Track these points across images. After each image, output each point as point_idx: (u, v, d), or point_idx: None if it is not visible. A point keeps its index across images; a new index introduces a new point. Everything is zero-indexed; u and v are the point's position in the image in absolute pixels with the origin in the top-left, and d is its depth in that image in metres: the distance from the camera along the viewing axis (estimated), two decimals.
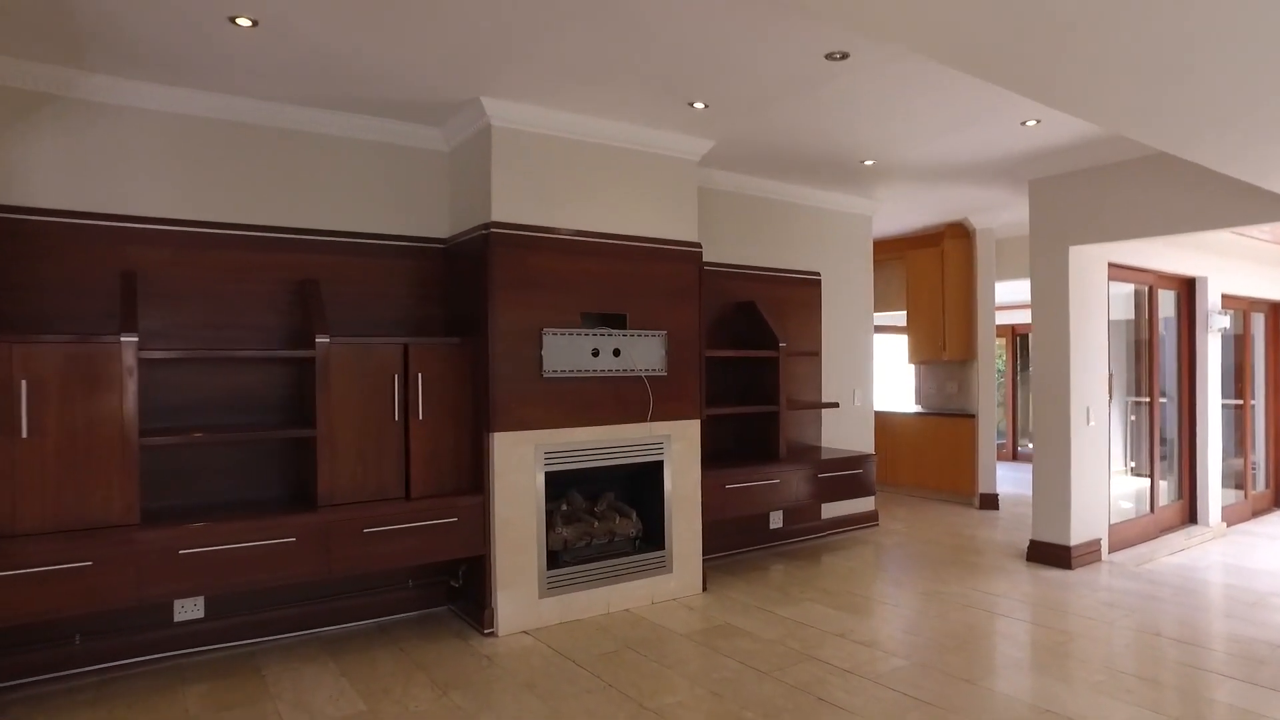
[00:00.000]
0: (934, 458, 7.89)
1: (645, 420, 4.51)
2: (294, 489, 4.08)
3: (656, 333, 4.53)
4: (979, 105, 4.16)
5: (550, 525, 4.34)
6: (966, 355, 7.72)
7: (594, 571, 4.40)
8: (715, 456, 5.38)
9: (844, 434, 6.45)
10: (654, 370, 4.52)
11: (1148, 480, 6.32)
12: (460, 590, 4.41)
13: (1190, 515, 6.77)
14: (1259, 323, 7.86)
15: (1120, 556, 5.57)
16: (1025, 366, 12.74)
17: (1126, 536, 5.86)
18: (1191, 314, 6.74)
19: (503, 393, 4.05)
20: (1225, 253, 6.86)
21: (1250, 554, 5.86)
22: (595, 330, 4.31)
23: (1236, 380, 7.56)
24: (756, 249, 5.91)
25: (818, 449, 6.00)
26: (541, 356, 4.14)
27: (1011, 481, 9.24)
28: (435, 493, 4.07)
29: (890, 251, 8.57)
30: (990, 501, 7.41)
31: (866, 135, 4.69)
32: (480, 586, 4.19)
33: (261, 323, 4.03)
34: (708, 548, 5.50)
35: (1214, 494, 6.77)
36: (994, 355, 7.46)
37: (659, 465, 4.63)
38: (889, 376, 12.50)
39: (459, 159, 4.49)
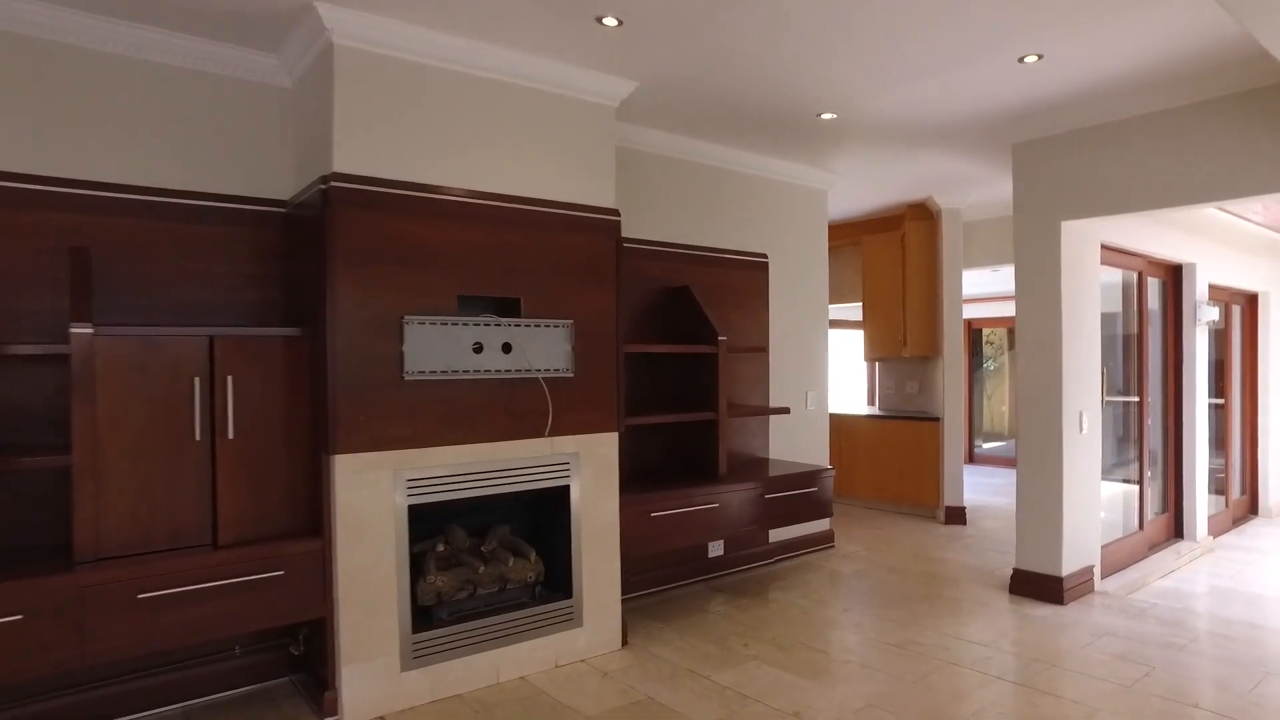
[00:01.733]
0: (894, 466, 7.08)
1: (545, 434, 3.52)
2: (64, 537, 2.98)
3: (561, 323, 3.55)
4: (972, 35, 3.27)
5: (419, 573, 3.33)
6: (929, 351, 6.92)
7: (478, 631, 3.40)
8: (642, 476, 4.42)
9: (796, 443, 5.56)
10: (557, 370, 3.54)
11: (1134, 488, 5.57)
12: (302, 658, 3.37)
13: (1176, 529, 6.06)
14: (1236, 316, 7.24)
15: (1112, 584, 4.79)
16: (980, 364, 12.13)
17: (1117, 559, 5.09)
18: (1178, 305, 6.03)
19: (347, 402, 3.02)
20: (1213, 237, 6.17)
21: (1247, 575, 5.15)
22: (479, 319, 3.31)
23: (1218, 378, 6.91)
24: (692, 225, 4.98)
25: (765, 463, 5.09)
26: (403, 353, 3.12)
27: (972, 487, 8.50)
28: (254, 537, 3.02)
29: (845, 236, 7.72)
30: (957, 515, 6.61)
31: (825, 76, 3.78)
32: (322, 659, 3.16)
33: (15, 307, 2.92)
34: (632, 584, 4.55)
35: (1201, 505, 6.07)
36: (960, 351, 6.68)
37: (564, 491, 3.66)
38: (844, 375, 11.74)
39: (302, 94, 3.44)
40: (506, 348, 3.39)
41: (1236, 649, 3.79)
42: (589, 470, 3.70)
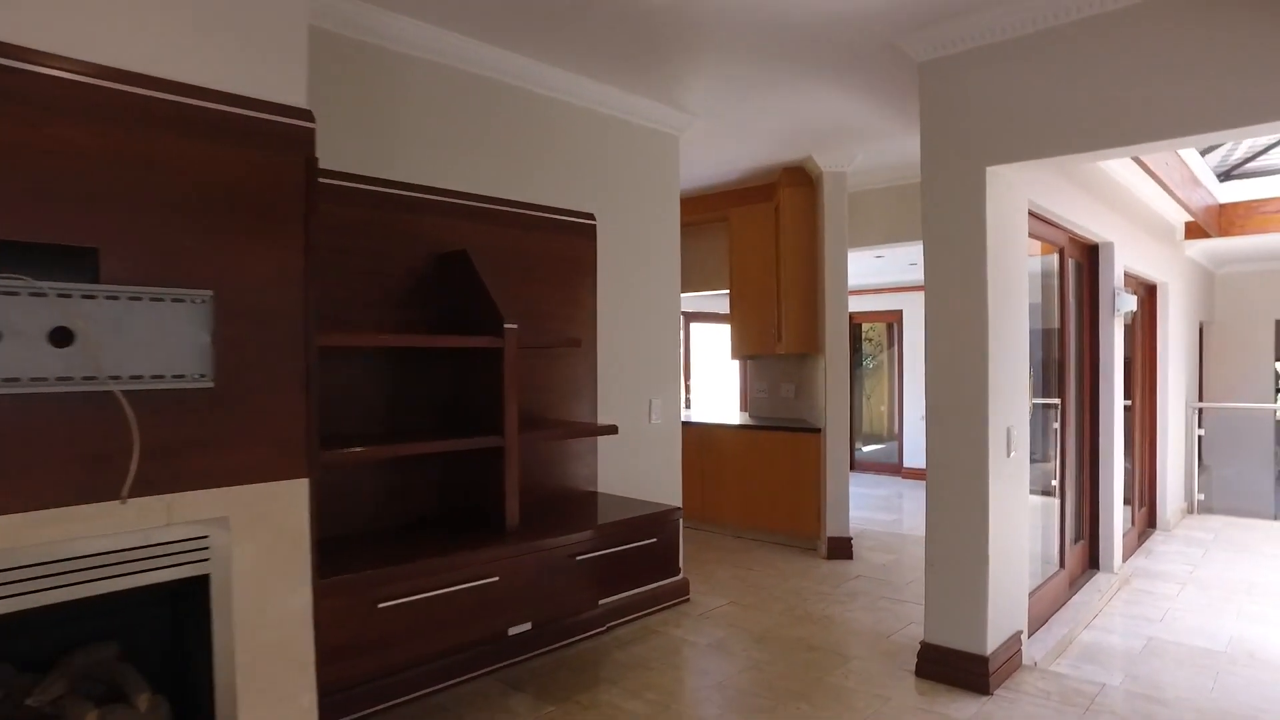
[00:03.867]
0: (767, 487, 5.83)
1: (124, 497, 1.95)
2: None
3: (189, 295, 1.99)
4: None
5: None
6: (809, 348, 5.71)
7: None
8: (383, 538, 2.89)
9: (639, 469, 4.18)
10: (177, 378, 1.97)
11: (1049, 509, 4.52)
12: None
13: (1092, 557, 5.09)
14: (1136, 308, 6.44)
15: (1039, 647, 3.65)
16: (860, 362, 11.25)
17: (1040, 608, 3.99)
18: (1094, 292, 5.05)
19: None
20: (1126, 215, 5.24)
21: (1178, 617, 4.17)
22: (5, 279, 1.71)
23: (1125, 378, 6.06)
24: (480, 167, 3.49)
25: (591, 502, 3.67)
26: None
27: (856, 502, 7.41)
28: None
29: (709, 210, 6.44)
30: (842, 548, 5.42)
31: None
32: None
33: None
34: (379, 691, 3.02)
35: (1118, 528, 5.13)
36: (844, 349, 5.50)
37: (203, 583, 2.10)
38: (716, 377, 10.56)
39: None
40: (62, 336, 1.80)
41: None
42: (252, 544, 2.14)
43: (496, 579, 2.74)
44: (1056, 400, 4.50)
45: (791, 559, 5.42)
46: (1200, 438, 7.43)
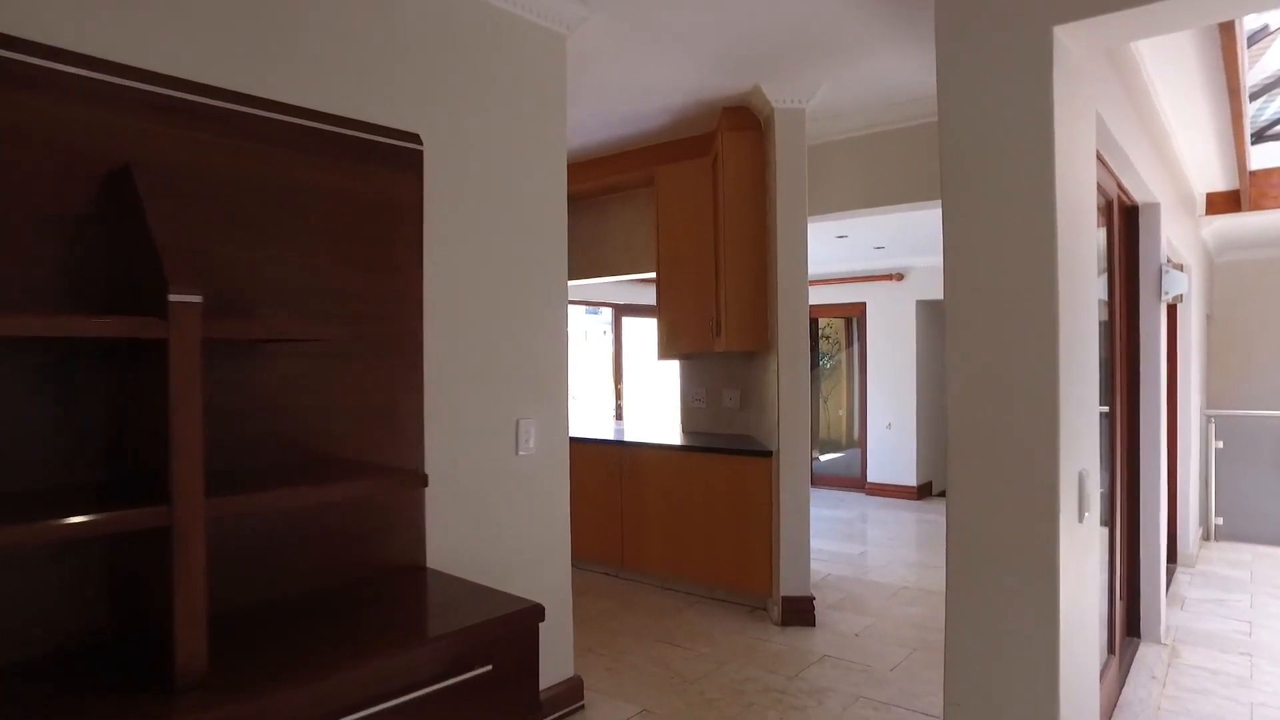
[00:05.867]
0: (703, 527, 4.46)
1: None
2: None
3: None
4: None
5: None
6: (756, 344, 4.36)
7: None
8: None
9: (498, 526, 2.76)
10: None
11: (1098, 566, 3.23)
12: None
13: (1130, 620, 3.84)
14: None
15: None
16: (818, 361, 9.99)
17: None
18: (1132, 268, 3.81)
19: None
20: (1170, 172, 4.02)
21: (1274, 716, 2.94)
22: None
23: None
24: (215, 38, 2.03)
25: (400, 592, 2.23)
26: None
27: (817, 529, 6.11)
28: None
29: (629, 168, 5.06)
30: (802, 612, 4.07)
31: None
32: None
33: None
34: None
35: (1163, 579, 3.90)
36: (804, 343, 4.16)
37: None
38: (648, 382, 9.20)
39: None
40: None
41: None
42: None
43: None
44: (1104, 408, 3.22)
45: (735, 627, 4.05)
46: (1217, 450, 6.29)
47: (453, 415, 2.59)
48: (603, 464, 4.91)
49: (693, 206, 4.71)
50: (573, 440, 5.11)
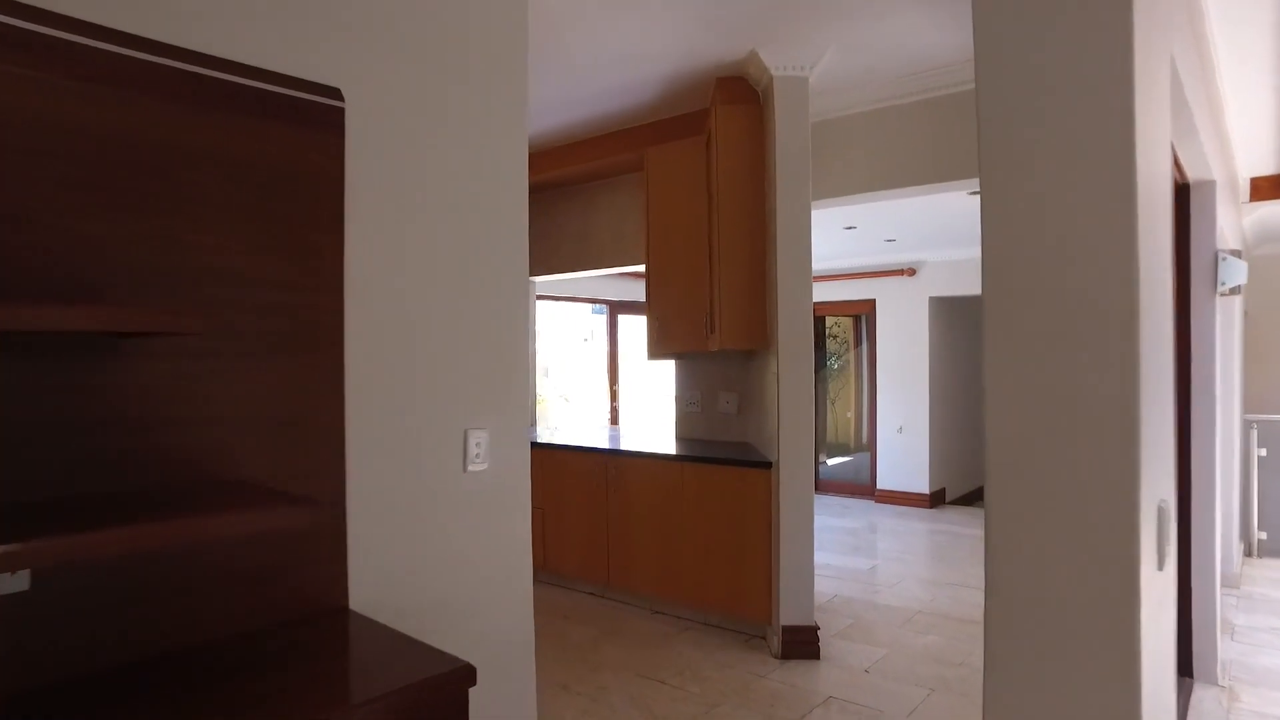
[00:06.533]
0: (696, 545, 4.01)
1: None
2: None
3: None
4: None
5: None
6: (754, 342, 3.92)
7: None
8: None
9: (439, 558, 2.31)
10: None
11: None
12: None
13: (1182, 659, 3.37)
14: None
15: None
16: (824, 362, 9.54)
17: None
18: (1184, 253, 3.35)
19: None
20: (1222, 150, 3.56)
21: None
22: None
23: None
24: None
25: (304, 646, 1.79)
26: None
27: (823, 541, 5.66)
28: None
29: (617, 150, 4.63)
30: (804, 643, 3.62)
31: None
32: None
33: None
34: None
35: (1219, 610, 3.44)
36: (807, 343, 3.71)
37: None
38: (645, 384, 8.79)
39: None
40: None
41: None
42: None
43: None
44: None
45: (729, 659, 3.60)
46: (1260, 458, 5.81)
47: (383, 425, 2.15)
48: (587, 474, 4.48)
49: (685, 190, 4.27)
50: (554, 448, 4.71)
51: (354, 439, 2.07)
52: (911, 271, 7.67)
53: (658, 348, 4.49)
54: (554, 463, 4.66)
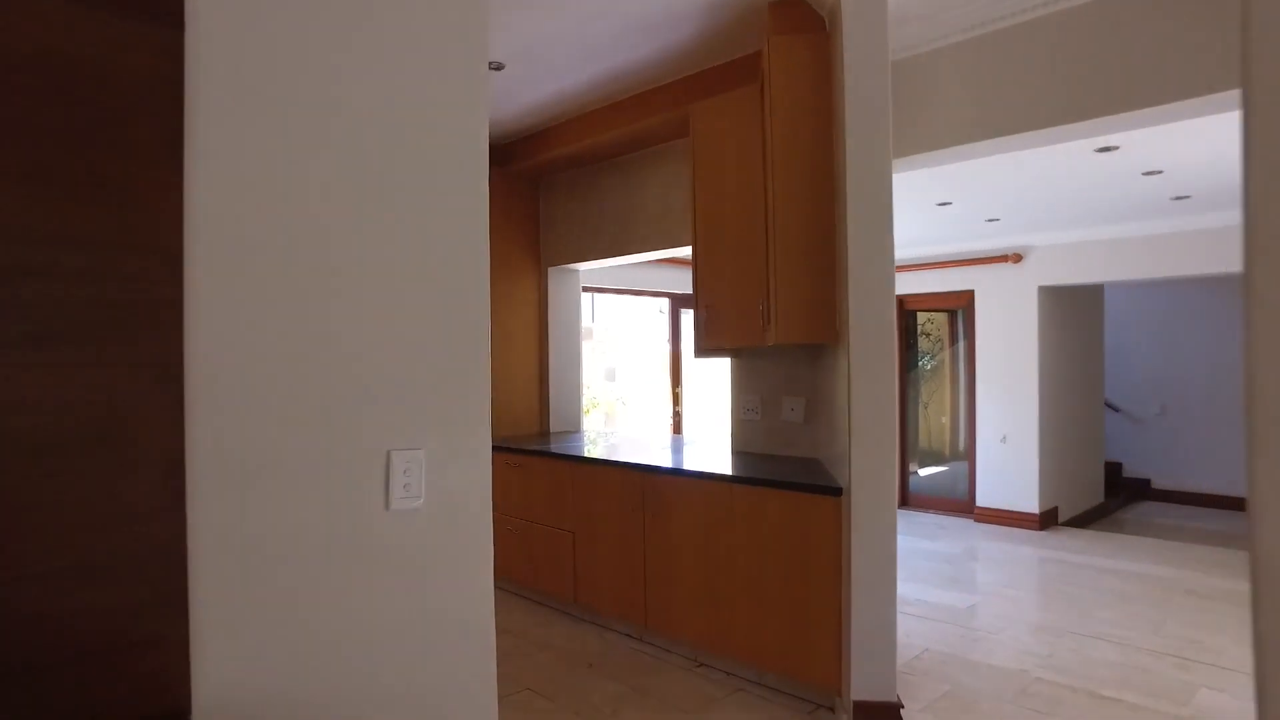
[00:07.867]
0: (749, 588, 3.24)
1: None
2: None
3: None
4: None
5: None
6: (819, 334, 3.13)
7: None
8: None
9: (335, 635, 1.65)
10: None
11: None
12: None
13: None
14: None
15: None
16: (916, 361, 8.55)
17: None
18: None
19: None
20: None
21: None
22: None
23: None
24: None
25: None
26: None
27: (907, 569, 4.79)
28: None
29: (657, 108, 3.92)
30: (882, 717, 2.81)
31: None
32: None
33: None
34: None
35: None
36: (890, 334, 2.90)
37: None
38: (711, 387, 8.02)
39: None
40: None
41: None
42: None
43: None
44: None
45: None
46: None
47: (248, 443, 1.49)
48: (621, 494, 3.77)
49: (735, 152, 3.51)
50: (584, 461, 4.03)
51: (201, 466, 1.42)
52: (1017, 257, 6.65)
53: (706, 341, 3.74)
54: (585, 479, 3.97)
